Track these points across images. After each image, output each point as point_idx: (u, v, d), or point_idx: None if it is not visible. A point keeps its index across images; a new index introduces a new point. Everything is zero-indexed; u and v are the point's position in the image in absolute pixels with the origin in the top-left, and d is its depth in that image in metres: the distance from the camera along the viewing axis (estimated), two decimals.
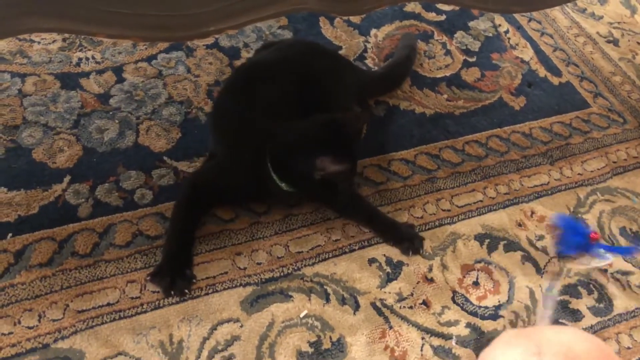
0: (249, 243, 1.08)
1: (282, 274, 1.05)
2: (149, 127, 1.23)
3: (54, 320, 0.93)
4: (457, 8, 1.66)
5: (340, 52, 1.47)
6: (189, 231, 1.06)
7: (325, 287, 1.04)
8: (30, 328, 0.92)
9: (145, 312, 0.97)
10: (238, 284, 1.02)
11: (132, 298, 0.98)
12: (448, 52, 1.55)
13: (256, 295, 1.01)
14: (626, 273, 1.15)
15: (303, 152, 1.01)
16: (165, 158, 1.18)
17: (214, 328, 0.96)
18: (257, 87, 1.12)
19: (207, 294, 1.00)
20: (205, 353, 0.93)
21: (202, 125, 1.24)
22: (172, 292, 0.98)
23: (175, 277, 0.99)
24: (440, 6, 1.66)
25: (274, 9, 0.83)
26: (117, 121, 1.22)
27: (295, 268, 1.06)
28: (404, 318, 1.02)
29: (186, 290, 0.99)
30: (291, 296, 1.02)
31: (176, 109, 1.27)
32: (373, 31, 1.56)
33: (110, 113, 1.24)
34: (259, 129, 1.06)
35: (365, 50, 1.50)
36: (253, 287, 1.02)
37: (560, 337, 0.53)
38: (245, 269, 1.05)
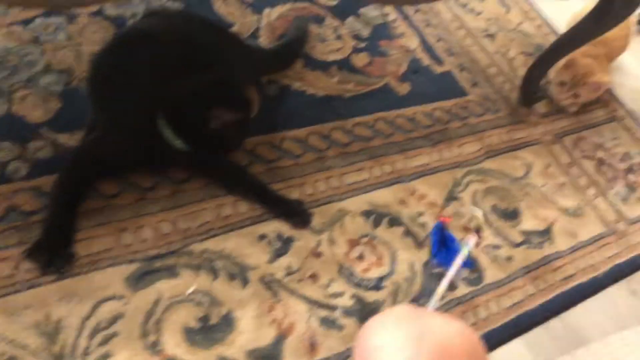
0: (134, 219, 1.05)
1: (169, 250, 1.03)
2: (24, 96, 1.14)
3: None
4: None
5: (233, 29, 1.46)
6: (71, 206, 1.01)
7: (213, 263, 1.04)
8: None
9: (19, 292, 0.91)
10: (123, 261, 0.99)
11: (3, 277, 0.91)
12: (339, 37, 1.59)
13: (142, 272, 0.98)
14: (496, 247, 1.25)
15: (199, 103, 1.01)
16: (42, 129, 1.10)
17: (96, 306, 0.92)
18: (142, 53, 1.08)
19: (89, 271, 0.96)
20: (85, 332, 0.89)
21: (83, 96, 1.17)
22: (50, 270, 0.93)
23: (54, 254, 0.94)
24: None
25: None
26: None
27: (184, 245, 1.04)
28: (292, 291, 1.05)
29: (65, 268, 0.94)
30: (178, 273, 1.01)
31: (56, 78, 1.19)
32: (267, 10, 1.56)
33: None
34: (147, 91, 1.04)
35: (258, 29, 1.50)
36: (138, 263, 0.99)
37: (445, 329, 0.55)
38: (130, 245, 1.01)
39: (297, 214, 1.15)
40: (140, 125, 1.04)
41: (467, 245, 1.18)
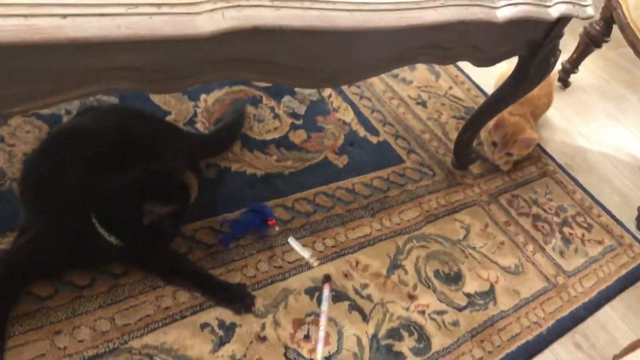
0: (70, 319, 1.02)
1: (107, 349, 1.00)
2: None
3: None
4: None
5: (170, 117, 1.48)
6: (2, 313, 0.98)
7: (154, 358, 1.01)
8: None
9: None
10: None
11: None
12: (276, 116, 1.64)
13: None
14: (441, 312, 1.27)
15: (130, 199, 1.02)
16: None
17: None
18: (75, 151, 1.09)
19: None
20: None
21: (15, 198, 1.16)
22: None
23: None
24: None
25: (85, 90, 0.80)
26: None
27: (122, 342, 1.02)
28: None
29: None
30: None
31: None
32: (203, 96, 1.60)
33: None
34: (79, 190, 1.04)
35: (195, 115, 1.53)
36: None
37: None
38: (65, 348, 0.98)
39: (239, 299, 1.14)
40: (74, 224, 1.03)
41: (326, 299, 1.19)
